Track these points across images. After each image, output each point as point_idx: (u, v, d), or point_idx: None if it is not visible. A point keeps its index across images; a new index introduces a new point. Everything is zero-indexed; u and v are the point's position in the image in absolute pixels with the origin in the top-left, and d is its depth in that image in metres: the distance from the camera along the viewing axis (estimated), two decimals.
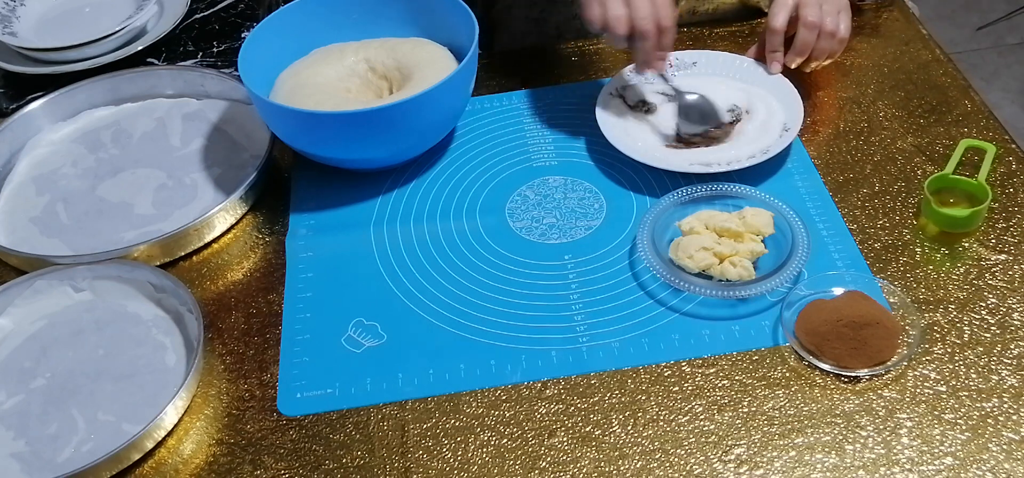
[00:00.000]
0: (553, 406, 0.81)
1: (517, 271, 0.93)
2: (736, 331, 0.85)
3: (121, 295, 0.93)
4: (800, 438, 0.77)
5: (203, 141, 1.11)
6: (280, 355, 0.87)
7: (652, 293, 0.90)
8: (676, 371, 0.83)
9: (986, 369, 0.81)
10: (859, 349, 0.81)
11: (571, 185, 1.02)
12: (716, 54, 1.12)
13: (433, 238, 0.98)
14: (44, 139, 1.13)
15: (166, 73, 1.18)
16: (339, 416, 0.82)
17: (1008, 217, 0.94)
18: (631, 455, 0.77)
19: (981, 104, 1.06)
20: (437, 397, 0.83)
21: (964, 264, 0.90)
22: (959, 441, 0.76)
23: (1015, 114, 2.52)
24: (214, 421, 0.83)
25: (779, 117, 1.04)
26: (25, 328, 0.91)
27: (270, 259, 0.98)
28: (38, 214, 1.04)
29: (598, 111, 1.05)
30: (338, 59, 1.09)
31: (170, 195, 1.05)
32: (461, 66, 0.99)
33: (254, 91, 0.99)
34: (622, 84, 1.10)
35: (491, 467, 0.77)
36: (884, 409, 0.78)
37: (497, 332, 0.87)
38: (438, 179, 1.05)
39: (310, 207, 1.02)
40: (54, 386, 0.86)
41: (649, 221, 0.93)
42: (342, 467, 0.78)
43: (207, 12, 1.35)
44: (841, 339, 0.81)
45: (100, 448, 0.80)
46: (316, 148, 1.01)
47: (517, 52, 1.27)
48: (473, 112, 1.13)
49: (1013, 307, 0.85)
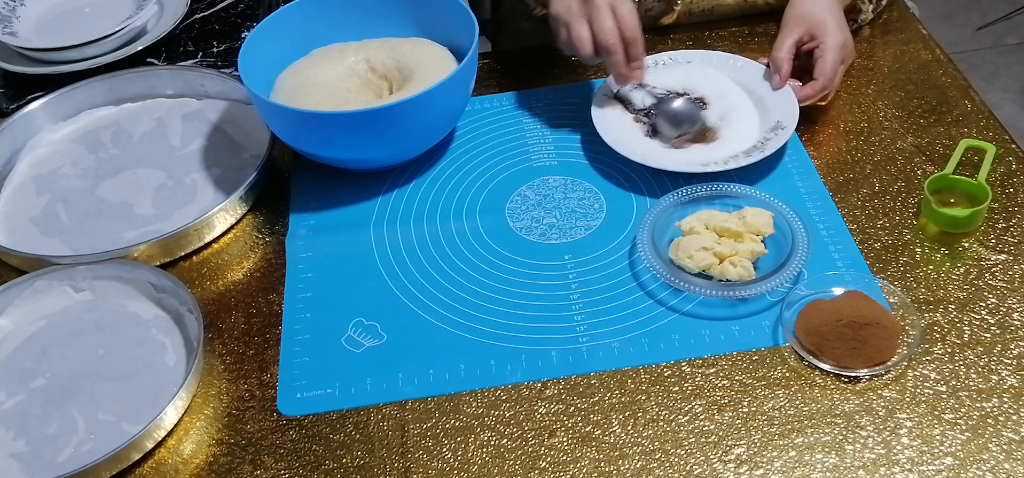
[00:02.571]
0: (553, 406, 0.81)
1: (517, 271, 0.93)
2: (736, 331, 0.85)
3: (121, 295, 0.93)
4: (800, 438, 0.77)
5: (203, 141, 1.11)
6: (280, 355, 0.87)
7: (652, 293, 0.90)
8: (676, 371, 0.83)
9: (986, 369, 0.81)
10: (859, 349, 0.81)
11: (571, 185, 1.02)
12: (712, 53, 1.12)
13: (433, 238, 0.98)
14: (44, 139, 1.13)
15: (166, 73, 1.18)
16: (339, 416, 0.82)
17: (1008, 217, 0.94)
18: (631, 455, 0.77)
19: (981, 104, 1.06)
20: (437, 397, 0.83)
21: (964, 264, 0.90)
22: (959, 441, 0.76)
23: (1015, 114, 2.52)
24: (214, 421, 0.83)
25: (773, 114, 1.04)
26: (25, 328, 0.91)
27: (270, 259, 0.98)
28: (38, 214, 1.04)
29: (594, 113, 1.05)
30: (338, 59, 1.09)
31: (170, 195, 1.05)
32: (461, 66, 0.99)
33: (254, 91, 0.99)
34: (615, 87, 1.10)
35: (491, 467, 0.77)
36: (884, 409, 0.78)
37: (497, 332, 0.87)
38: (438, 179, 1.05)
39: (310, 207, 1.02)
40: (54, 386, 0.86)
41: (649, 221, 0.93)
42: (342, 467, 0.78)
43: (207, 12, 1.35)
44: (841, 339, 0.81)
45: (100, 448, 0.80)
46: (316, 148, 1.01)
47: (517, 52, 1.27)
48: (473, 112, 1.13)
49: (1013, 307, 0.85)
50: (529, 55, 1.24)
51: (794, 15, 1.06)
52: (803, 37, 1.04)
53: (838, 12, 1.06)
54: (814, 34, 1.04)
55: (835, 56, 1.02)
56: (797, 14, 1.06)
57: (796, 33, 1.04)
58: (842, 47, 1.03)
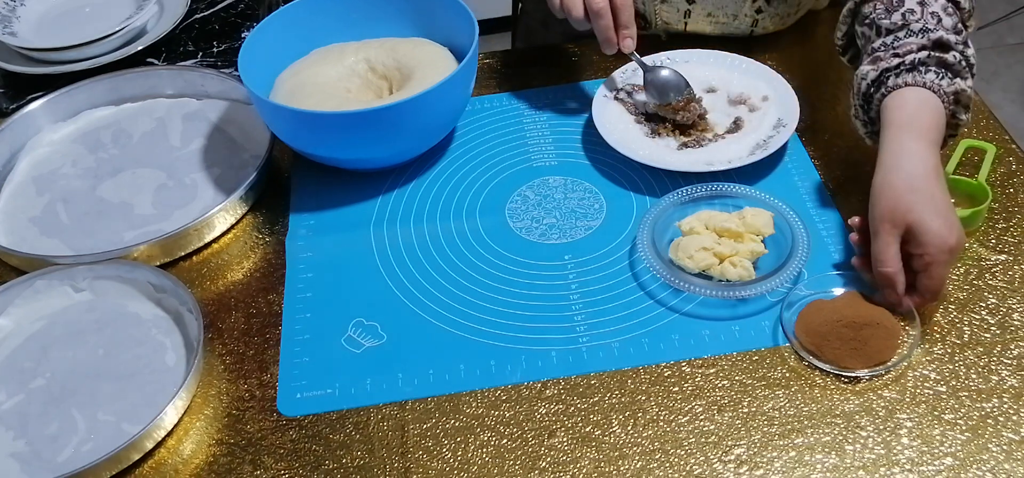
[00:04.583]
0: (553, 406, 0.81)
1: (517, 271, 0.93)
2: (736, 331, 0.85)
3: (121, 295, 0.93)
4: (800, 438, 0.77)
5: (203, 141, 1.11)
6: (280, 355, 0.87)
7: (652, 293, 0.90)
8: (676, 371, 0.83)
9: (986, 369, 0.81)
10: (859, 349, 0.81)
11: (571, 185, 1.02)
12: (710, 52, 1.12)
13: (433, 238, 0.98)
14: (44, 139, 1.13)
15: (166, 73, 1.18)
16: (339, 416, 0.82)
17: (1008, 217, 0.94)
18: (631, 455, 0.77)
19: (981, 104, 1.06)
20: (437, 397, 0.83)
21: (964, 264, 0.89)
22: (959, 441, 0.76)
23: (1015, 114, 2.52)
24: (214, 421, 0.83)
25: (774, 112, 1.04)
26: (25, 328, 0.91)
27: (270, 259, 0.98)
28: (38, 214, 1.04)
29: (595, 112, 1.05)
30: (338, 59, 1.09)
31: (170, 195, 1.05)
32: (461, 66, 0.99)
33: (254, 91, 0.99)
34: (615, 87, 1.10)
35: (491, 467, 0.77)
36: (884, 409, 0.78)
37: (497, 332, 0.87)
38: (438, 179, 1.05)
39: (310, 207, 1.02)
40: (54, 386, 0.86)
41: (649, 221, 0.93)
42: (342, 467, 0.78)
43: (207, 12, 1.35)
44: (841, 339, 0.81)
45: (100, 448, 0.80)
46: (316, 148, 1.01)
47: (517, 52, 1.27)
48: (473, 112, 1.13)
49: (1013, 307, 0.85)
50: (529, 55, 1.24)
51: (887, 206, 0.82)
52: (901, 233, 0.82)
53: (939, 193, 0.82)
54: (914, 235, 0.81)
55: (942, 269, 0.81)
56: (890, 203, 0.82)
57: (895, 233, 0.82)
58: (949, 252, 0.80)
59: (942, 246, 0.80)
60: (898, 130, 0.85)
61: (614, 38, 1.02)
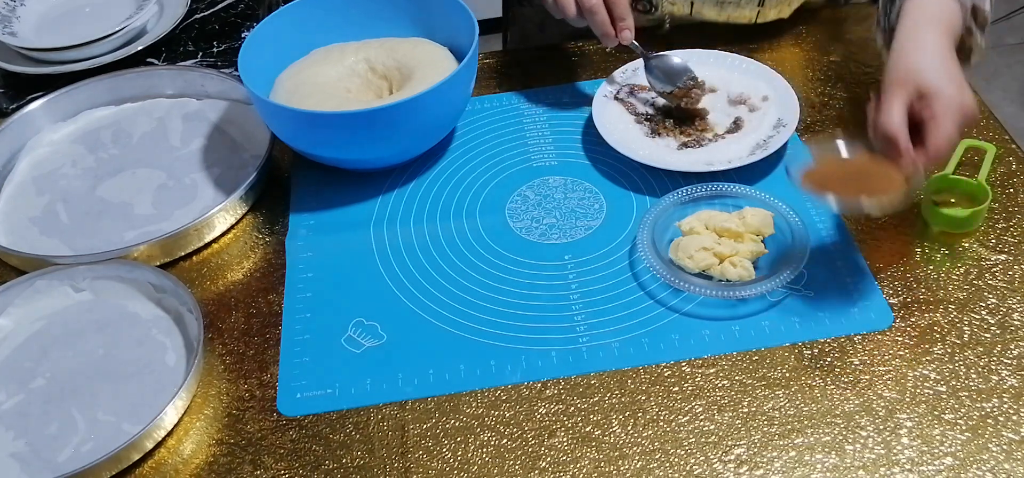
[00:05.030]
0: (553, 406, 0.81)
1: (517, 271, 0.93)
2: (736, 331, 0.85)
3: (121, 295, 0.93)
4: (800, 438, 0.77)
5: (203, 141, 1.11)
6: (280, 355, 0.87)
7: (652, 293, 0.90)
8: (676, 371, 0.83)
9: (986, 369, 0.81)
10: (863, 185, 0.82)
11: (571, 185, 1.02)
12: (709, 52, 1.12)
13: (433, 238, 0.98)
14: (44, 139, 1.13)
15: (166, 73, 1.18)
16: (339, 416, 0.82)
17: (1008, 217, 0.94)
18: (631, 455, 0.77)
19: (981, 104, 1.06)
20: (437, 397, 0.83)
21: (964, 264, 0.90)
22: (959, 441, 0.76)
23: (1015, 114, 2.52)
24: (214, 421, 0.83)
25: (774, 112, 1.04)
26: (25, 328, 0.91)
27: (270, 259, 0.98)
28: (38, 214, 1.04)
29: (595, 112, 1.05)
30: (338, 59, 1.09)
31: (170, 195, 1.05)
32: (461, 66, 0.99)
33: (254, 91, 0.99)
34: (615, 87, 1.10)
35: (491, 467, 0.77)
36: (884, 409, 0.78)
37: (497, 332, 0.87)
38: (438, 179, 1.05)
39: (310, 207, 1.02)
40: (54, 386, 0.86)
41: (649, 221, 0.93)
42: (342, 467, 0.78)
43: (207, 12, 1.35)
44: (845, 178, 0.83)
45: (100, 448, 0.80)
46: (316, 148, 1.01)
47: (517, 52, 1.27)
48: (473, 112, 1.13)
49: (1013, 307, 0.85)
50: (529, 55, 1.24)
51: (898, 71, 0.84)
52: (912, 97, 0.83)
53: (952, 64, 0.85)
54: (924, 94, 0.82)
55: (950, 125, 0.81)
56: (901, 69, 0.84)
57: (903, 94, 0.83)
58: (959, 110, 0.81)
59: (951, 103, 0.81)
60: (915, 23, 0.88)
61: (611, 31, 1.02)
